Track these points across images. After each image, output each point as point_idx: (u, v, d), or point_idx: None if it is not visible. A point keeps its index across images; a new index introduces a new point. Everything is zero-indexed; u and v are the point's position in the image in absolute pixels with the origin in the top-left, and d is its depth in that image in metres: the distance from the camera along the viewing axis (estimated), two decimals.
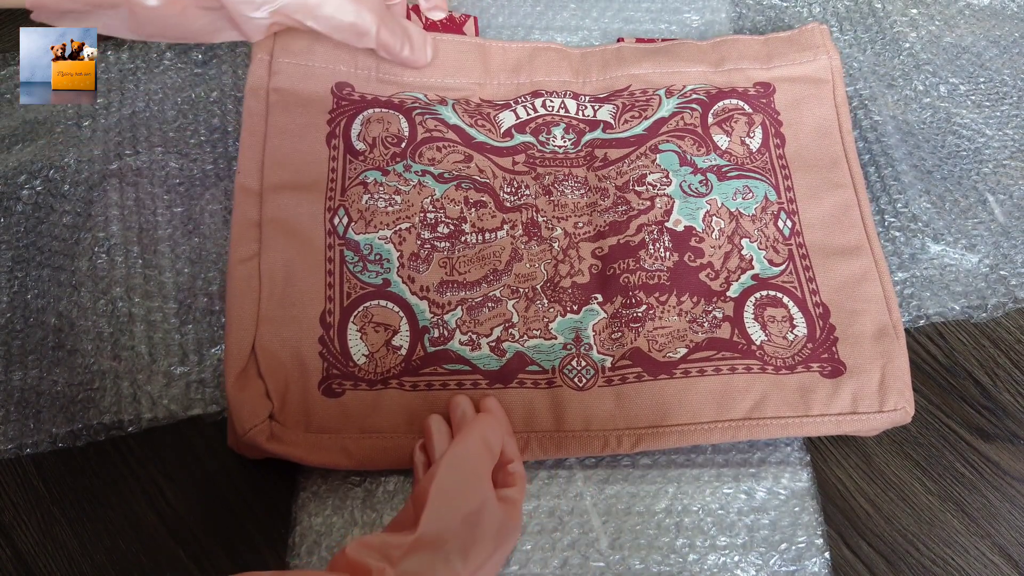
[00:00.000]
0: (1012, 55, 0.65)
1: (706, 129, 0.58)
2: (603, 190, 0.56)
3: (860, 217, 0.55)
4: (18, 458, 0.51)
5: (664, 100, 0.59)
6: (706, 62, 0.61)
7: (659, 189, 0.56)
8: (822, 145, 0.58)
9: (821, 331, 0.52)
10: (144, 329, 0.54)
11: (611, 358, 0.51)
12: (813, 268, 0.54)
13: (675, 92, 0.59)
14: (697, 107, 0.59)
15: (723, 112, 0.59)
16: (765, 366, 0.51)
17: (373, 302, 0.51)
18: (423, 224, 0.54)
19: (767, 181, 0.57)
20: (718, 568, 0.47)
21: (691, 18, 0.66)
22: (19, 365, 0.53)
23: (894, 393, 0.50)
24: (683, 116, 0.58)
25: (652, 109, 0.59)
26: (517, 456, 0.47)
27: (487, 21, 0.66)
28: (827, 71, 0.60)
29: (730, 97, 0.59)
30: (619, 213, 0.55)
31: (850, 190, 0.56)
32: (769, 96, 0.60)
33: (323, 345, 0.50)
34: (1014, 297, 0.56)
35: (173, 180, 0.59)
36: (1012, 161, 0.61)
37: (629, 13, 0.67)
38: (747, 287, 0.53)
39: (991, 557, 0.49)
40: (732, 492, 0.49)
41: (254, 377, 0.48)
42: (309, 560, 0.47)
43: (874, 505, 0.50)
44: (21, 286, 0.55)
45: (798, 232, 0.55)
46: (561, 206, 0.56)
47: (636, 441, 0.49)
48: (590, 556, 0.48)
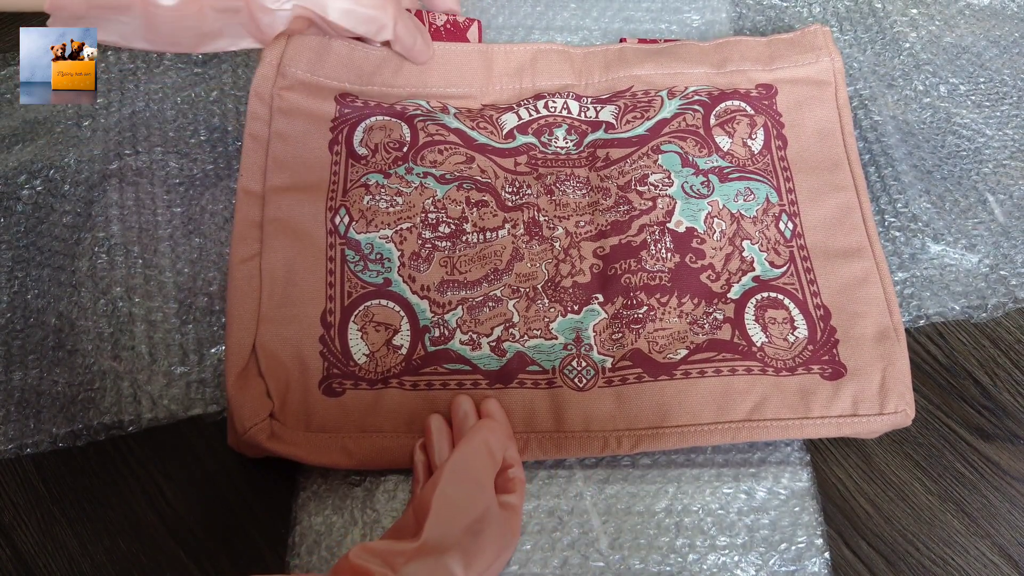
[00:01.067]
0: (1012, 55, 0.65)
1: (708, 130, 0.58)
2: (605, 190, 0.56)
3: (862, 219, 0.55)
4: (18, 458, 0.51)
5: (666, 101, 0.59)
6: (708, 63, 0.60)
7: (661, 189, 0.56)
8: (824, 147, 0.58)
9: (822, 333, 0.52)
10: (144, 329, 0.54)
11: (611, 359, 0.51)
12: (814, 270, 0.54)
13: (677, 93, 0.59)
14: (699, 108, 0.59)
15: (725, 113, 0.58)
16: (766, 368, 0.51)
17: (374, 301, 0.51)
18: (424, 224, 0.54)
19: (769, 183, 0.56)
20: (718, 568, 0.47)
21: (691, 18, 0.66)
22: (19, 365, 0.53)
23: (895, 396, 0.50)
24: (685, 117, 0.58)
25: (654, 110, 0.59)
26: (518, 461, 0.47)
27: (487, 21, 0.66)
28: (829, 73, 0.60)
29: (732, 98, 0.59)
30: (621, 212, 0.55)
31: (852, 192, 0.56)
32: (771, 98, 0.60)
33: (324, 344, 0.50)
34: (1014, 297, 0.56)
35: (173, 180, 0.59)
36: (1012, 161, 0.61)
37: (629, 13, 0.67)
38: (748, 289, 0.53)
39: (991, 557, 0.49)
40: (732, 492, 0.49)
41: (254, 376, 0.48)
42: (309, 560, 0.47)
43: (874, 505, 0.50)
44: (21, 286, 0.55)
45: (799, 234, 0.55)
46: (563, 205, 0.56)
47: (636, 442, 0.49)
48: (590, 556, 0.48)
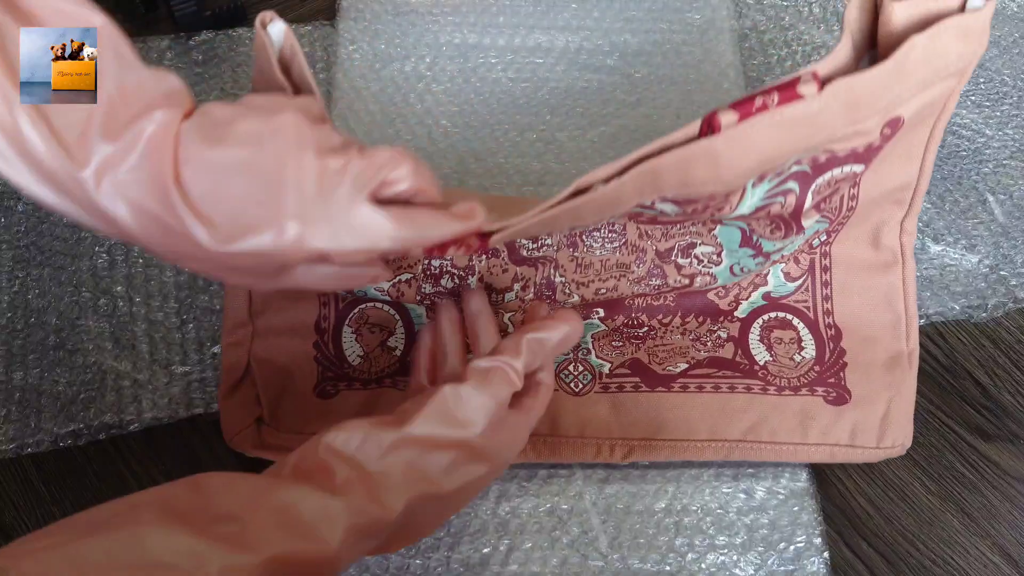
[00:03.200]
0: (1012, 55, 0.65)
1: (798, 214, 0.43)
2: (640, 251, 0.48)
3: (899, 231, 0.49)
4: (18, 458, 0.51)
5: (748, 191, 0.40)
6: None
7: (704, 266, 0.48)
8: (901, 167, 0.47)
9: (831, 354, 0.50)
10: (145, 328, 0.54)
11: (609, 364, 0.50)
12: (832, 284, 0.50)
13: (767, 176, 0.40)
14: (794, 186, 0.41)
15: (828, 187, 0.42)
16: (767, 387, 0.49)
17: (369, 304, 0.51)
18: (426, 276, 0.48)
19: (828, 219, 0.47)
20: (717, 567, 0.47)
21: (692, 17, 0.66)
22: (20, 365, 0.53)
23: (895, 429, 0.49)
24: (770, 209, 0.42)
25: (730, 207, 0.41)
26: (549, 365, 0.44)
27: (488, 20, 0.66)
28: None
29: (845, 163, 0.41)
30: (650, 288, 0.48)
31: (904, 207, 0.48)
32: (895, 134, 0.41)
33: (317, 350, 0.49)
34: (1014, 297, 0.56)
35: None
36: (1012, 161, 0.61)
37: (630, 13, 0.67)
38: (756, 307, 0.51)
39: (991, 557, 0.49)
40: (731, 491, 0.49)
41: (247, 384, 0.48)
42: None
43: (874, 505, 0.50)
44: (22, 286, 0.55)
45: (827, 243, 0.50)
46: (585, 267, 0.48)
47: (628, 451, 0.48)
48: (589, 555, 0.48)
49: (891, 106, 0.39)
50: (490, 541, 0.48)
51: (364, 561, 0.47)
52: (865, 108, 0.38)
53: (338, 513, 0.35)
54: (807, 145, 0.38)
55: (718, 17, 0.66)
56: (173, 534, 0.31)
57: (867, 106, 0.38)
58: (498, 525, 0.48)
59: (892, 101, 0.38)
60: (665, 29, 0.66)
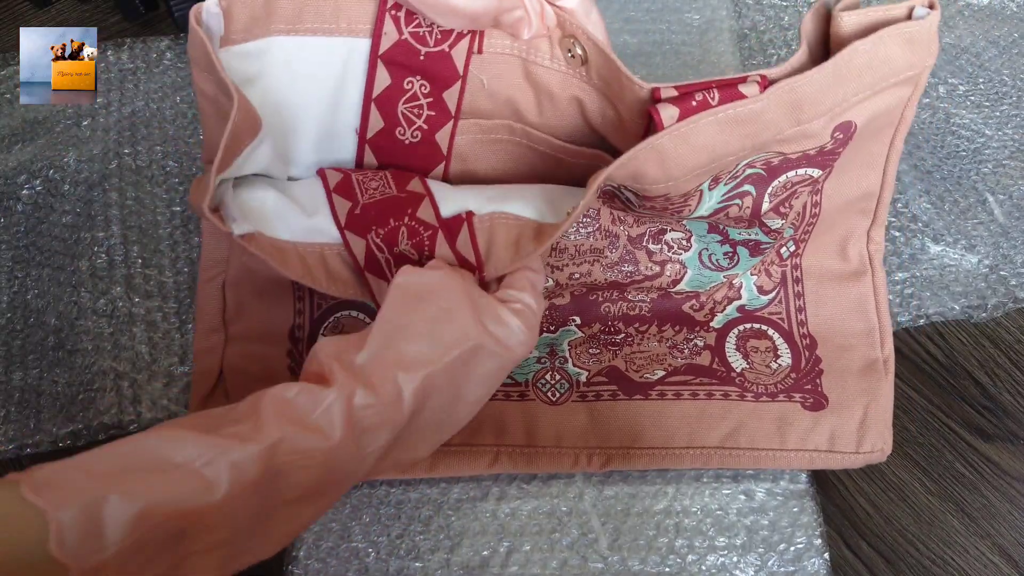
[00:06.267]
0: (1012, 55, 0.65)
1: (757, 214, 0.45)
2: (614, 236, 0.49)
3: (867, 242, 0.51)
4: (18, 458, 0.51)
5: (705, 194, 0.43)
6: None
7: (674, 252, 0.49)
8: (863, 177, 0.48)
9: (806, 362, 0.50)
10: (144, 329, 0.54)
11: (587, 372, 0.50)
12: (804, 295, 0.51)
13: (722, 179, 0.43)
14: (750, 189, 0.44)
15: (783, 190, 0.44)
16: (744, 393, 0.49)
17: (344, 312, 0.50)
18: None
19: (794, 227, 0.49)
20: (717, 569, 0.47)
21: (691, 17, 0.66)
22: (19, 365, 0.53)
23: (873, 434, 0.49)
24: (728, 211, 0.45)
25: (689, 209, 0.44)
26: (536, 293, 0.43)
27: None
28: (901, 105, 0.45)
29: (797, 166, 0.43)
30: (623, 274, 0.49)
31: (869, 217, 0.50)
32: (849, 139, 0.43)
33: (291, 359, 0.49)
34: (1014, 297, 0.56)
35: (173, 180, 0.59)
36: (1012, 161, 0.61)
37: (630, 13, 0.67)
38: (731, 319, 0.51)
39: (991, 557, 0.49)
40: (731, 493, 0.49)
41: (218, 392, 0.48)
42: (307, 563, 0.47)
43: (874, 505, 0.50)
44: (21, 286, 0.55)
45: (797, 254, 0.51)
46: (560, 251, 0.49)
47: (606, 461, 0.48)
48: (589, 557, 0.48)
49: (838, 108, 0.40)
50: (490, 543, 0.48)
51: (364, 562, 0.47)
52: (808, 109, 0.40)
53: (333, 401, 0.36)
54: (754, 143, 0.40)
55: (717, 17, 0.66)
56: (183, 438, 0.33)
57: (810, 107, 0.40)
58: (498, 527, 0.48)
59: (838, 103, 0.40)
60: (664, 30, 0.66)
